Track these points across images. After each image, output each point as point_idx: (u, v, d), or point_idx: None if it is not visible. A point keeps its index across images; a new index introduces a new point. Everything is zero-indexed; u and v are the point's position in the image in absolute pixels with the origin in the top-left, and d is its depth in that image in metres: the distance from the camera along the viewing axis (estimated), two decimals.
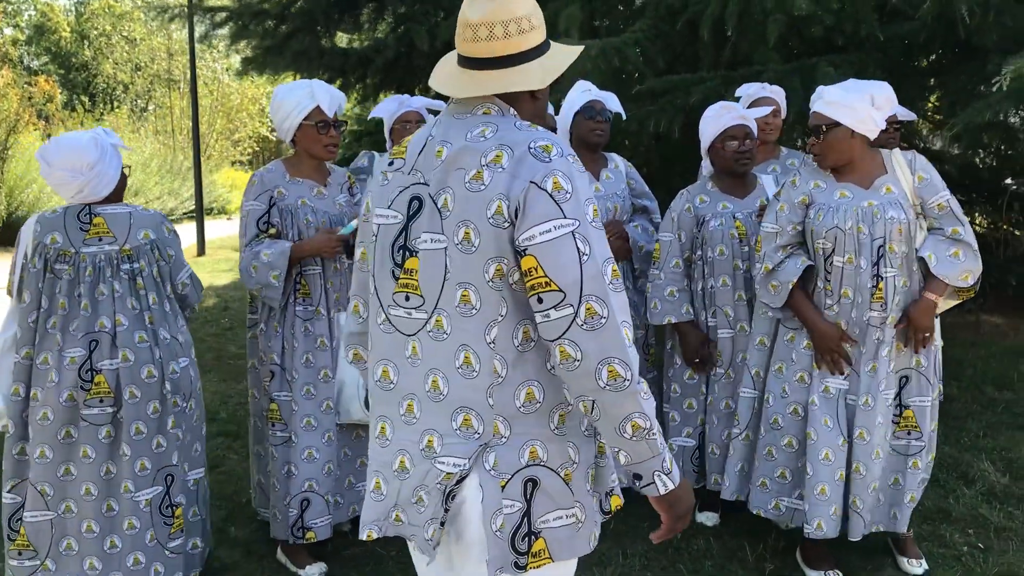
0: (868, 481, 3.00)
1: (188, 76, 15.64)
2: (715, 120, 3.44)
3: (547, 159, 1.57)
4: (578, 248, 1.54)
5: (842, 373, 3.02)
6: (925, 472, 3.11)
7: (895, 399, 3.04)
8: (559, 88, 5.51)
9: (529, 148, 1.58)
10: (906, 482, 3.06)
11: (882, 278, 2.94)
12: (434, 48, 6.75)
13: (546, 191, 1.55)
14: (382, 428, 1.72)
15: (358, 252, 1.82)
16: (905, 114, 4.00)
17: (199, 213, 13.19)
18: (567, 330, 1.53)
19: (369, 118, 4.65)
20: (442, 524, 1.62)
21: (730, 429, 3.37)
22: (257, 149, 27.01)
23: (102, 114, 23.90)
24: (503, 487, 1.60)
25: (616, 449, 1.59)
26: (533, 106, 1.72)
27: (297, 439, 3.12)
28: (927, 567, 3.19)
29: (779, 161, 3.89)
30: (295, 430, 3.12)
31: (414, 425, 1.66)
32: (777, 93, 3.92)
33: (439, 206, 1.61)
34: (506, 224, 1.55)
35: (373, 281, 1.72)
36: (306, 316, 3.16)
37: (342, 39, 8.40)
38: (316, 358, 3.16)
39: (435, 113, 4.24)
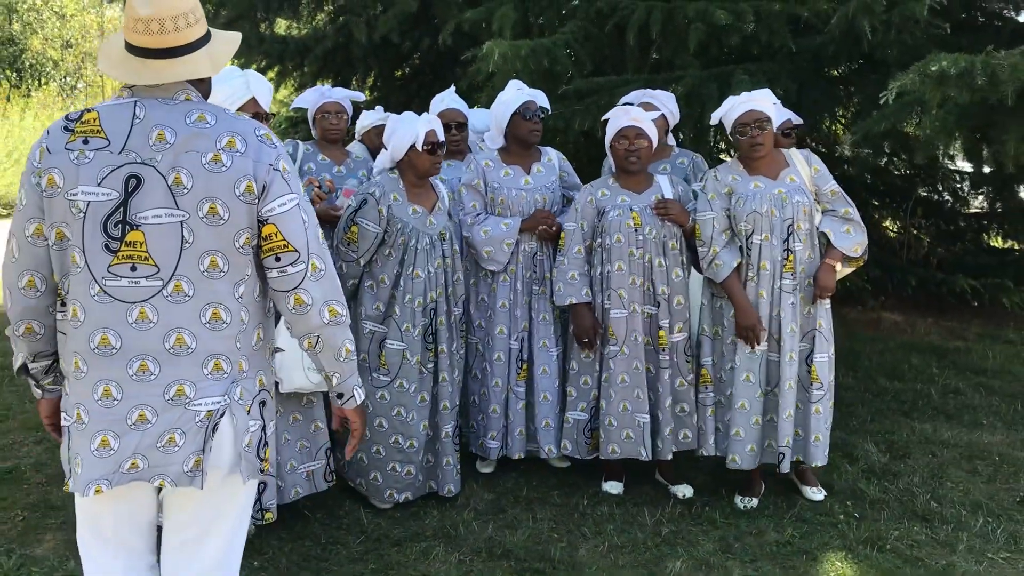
0: (792, 424, 3.67)
1: None
2: (613, 121, 3.79)
3: (273, 145, 1.94)
4: (303, 217, 1.94)
5: (754, 347, 3.63)
6: (827, 415, 3.73)
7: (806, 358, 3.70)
8: (483, 90, 5.75)
9: (257, 135, 1.92)
10: (812, 424, 3.68)
11: (792, 251, 3.60)
12: (372, 40, 6.91)
13: (279, 171, 1.92)
14: (106, 391, 1.87)
15: (32, 227, 1.91)
16: (797, 120, 4.38)
17: None
18: (301, 282, 1.93)
19: (292, 108, 4.88)
20: (202, 455, 1.90)
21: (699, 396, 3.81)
22: None
23: (29, 90, 23.32)
24: (248, 411, 1.96)
25: (332, 372, 2.04)
26: (204, 88, 2.00)
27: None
28: (825, 494, 3.87)
29: (669, 160, 4.21)
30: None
31: (152, 381, 1.87)
32: (659, 98, 4.25)
33: (170, 184, 1.85)
34: (255, 200, 1.89)
35: (83, 256, 1.86)
36: None
37: (280, 26, 8.49)
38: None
39: (357, 104, 4.46)
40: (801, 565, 3.32)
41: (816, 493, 3.89)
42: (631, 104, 4.17)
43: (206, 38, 1.94)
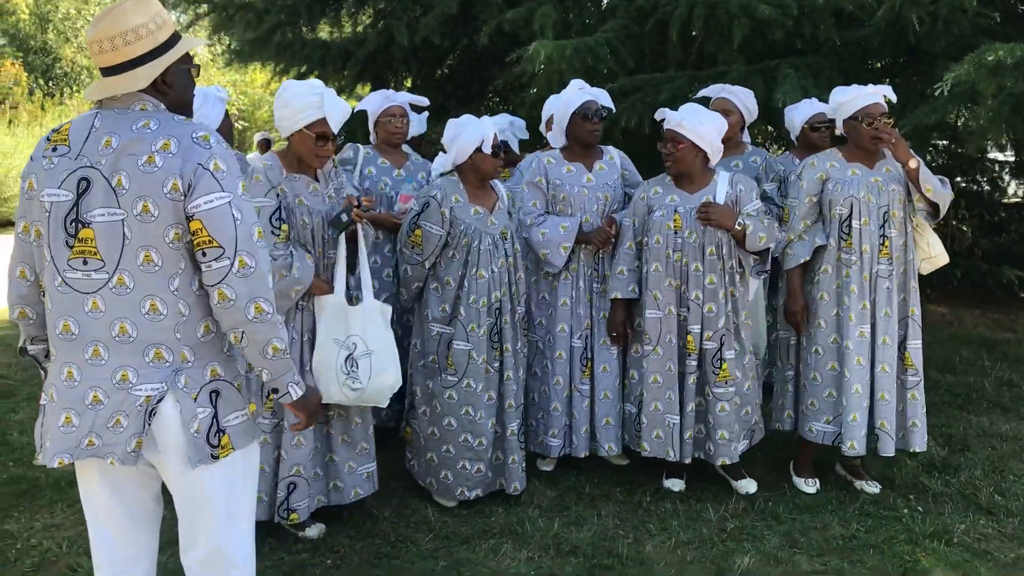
0: (892, 406, 3.75)
1: None
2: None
3: (208, 146, 2.00)
4: (233, 215, 2.00)
5: (799, 333, 3.84)
6: (922, 401, 3.81)
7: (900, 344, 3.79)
8: (525, 90, 5.75)
9: (192, 137, 2.00)
10: (909, 410, 3.78)
11: (887, 237, 3.73)
12: (413, 43, 6.97)
13: (209, 170, 1.98)
14: (69, 372, 2.06)
15: (20, 225, 2.14)
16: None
17: None
18: (225, 277, 1.99)
19: (355, 111, 4.88)
20: (142, 435, 2.02)
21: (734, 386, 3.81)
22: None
23: (63, 98, 23.64)
24: (195, 399, 2.05)
25: (260, 369, 2.10)
26: (167, 97, 2.09)
27: (287, 425, 3.29)
28: (880, 487, 3.91)
29: (743, 157, 4.22)
30: (287, 416, 3.25)
31: (103, 366, 2.03)
32: (737, 95, 4.26)
33: (113, 185, 1.98)
34: (181, 197, 1.97)
35: (49, 251, 2.04)
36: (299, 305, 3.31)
37: (324, 29, 8.56)
38: (294, 351, 3.28)
39: (416, 108, 4.49)
40: (869, 559, 3.32)
41: (872, 486, 3.91)
42: (709, 98, 4.21)
43: (157, 51, 2.05)
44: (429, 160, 4.37)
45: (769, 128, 7.60)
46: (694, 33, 5.87)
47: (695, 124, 3.69)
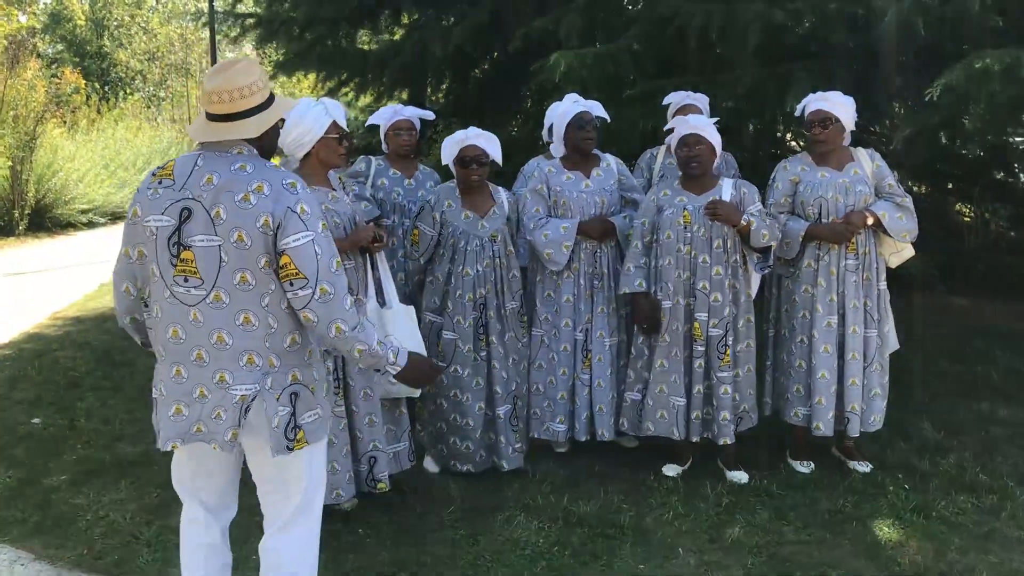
0: (859, 391, 4.10)
1: (203, 66, 16.21)
2: (677, 130, 4.11)
3: (295, 192, 2.38)
4: (316, 251, 2.36)
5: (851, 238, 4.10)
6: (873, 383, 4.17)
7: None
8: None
9: (282, 183, 2.37)
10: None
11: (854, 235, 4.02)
12: (446, 52, 7.33)
13: (296, 213, 2.35)
14: (177, 370, 2.45)
15: (123, 248, 2.52)
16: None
17: None
18: (308, 303, 2.37)
19: (367, 125, 5.27)
20: (238, 427, 2.41)
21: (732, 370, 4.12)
22: None
23: (117, 102, 24.46)
24: (278, 399, 2.43)
25: (362, 365, 2.63)
26: (261, 144, 2.48)
27: (358, 409, 3.70)
28: (871, 466, 4.23)
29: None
30: (355, 401, 3.69)
31: (205, 368, 2.41)
32: (700, 100, 4.68)
33: (212, 216, 2.34)
34: (271, 232, 2.34)
35: (158, 268, 2.41)
36: None
37: (363, 39, 8.97)
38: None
39: (424, 121, 4.80)
40: (851, 530, 3.63)
41: (863, 466, 4.22)
42: (674, 104, 4.68)
43: (262, 106, 2.44)
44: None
45: (778, 134, 7.79)
46: (712, 39, 6.12)
47: (710, 130, 4.04)
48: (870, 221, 4.04)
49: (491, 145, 4.06)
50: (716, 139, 4.07)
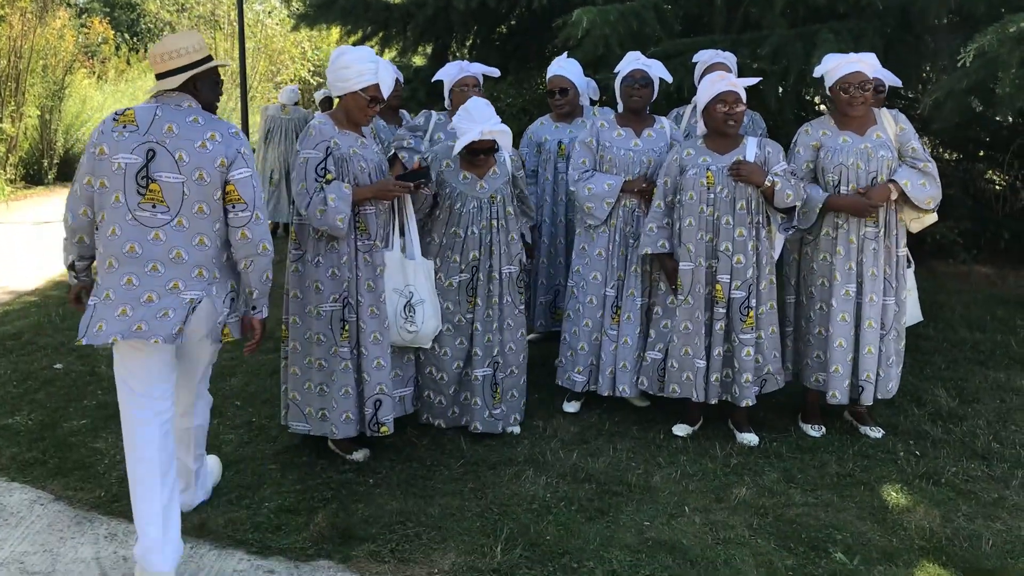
0: (875, 360, 4.07)
1: (231, 18, 16.15)
2: (710, 86, 4.02)
3: (239, 138, 3.01)
4: (253, 184, 3.00)
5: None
6: (888, 352, 4.12)
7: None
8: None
9: (229, 132, 3.00)
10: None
11: None
12: (469, 6, 7.28)
13: (241, 153, 2.99)
14: (129, 280, 2.91)
15: (84, 179, 2.96)
16: (891, 79, 4.53)
17: None
18: (247, 223, 2.99)
19: (432, 80, 5.27)
20: (183, 325, 2.93)
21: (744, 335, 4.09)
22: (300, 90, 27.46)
23: (146, 52, 24.44)
24: (223, 301, 3.06)
25: (254, 289, 3.09)
26: (199, 97, 3.05)
27: (367, 352, 3.77)
28: (883, 432, 4.22)
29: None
30: (365, 344, 3.76)
31: (159, 277, 2.92)
32: (729, 59, 4.59)
33: (175, 158, 2.91)
34: (224, 170, 2.96)
35: (123, 196, 2.90)
36: (365, 249, 3.77)
37: None
38: (376, 283, 3.80)
39: (488, 77, 4.88)
40: (858, 494, 3.63)
41: (875, 431, 4.21)
42: (702, 63, 4.58)
43: (191, 66, 2.99)
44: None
45: (806, 97, 7.68)
46: None
47: (742, 90, 4.00)
48: (893, 196, 3.98)
49: (504, 138, 4.03)
50: (745, 102, 4.04)
